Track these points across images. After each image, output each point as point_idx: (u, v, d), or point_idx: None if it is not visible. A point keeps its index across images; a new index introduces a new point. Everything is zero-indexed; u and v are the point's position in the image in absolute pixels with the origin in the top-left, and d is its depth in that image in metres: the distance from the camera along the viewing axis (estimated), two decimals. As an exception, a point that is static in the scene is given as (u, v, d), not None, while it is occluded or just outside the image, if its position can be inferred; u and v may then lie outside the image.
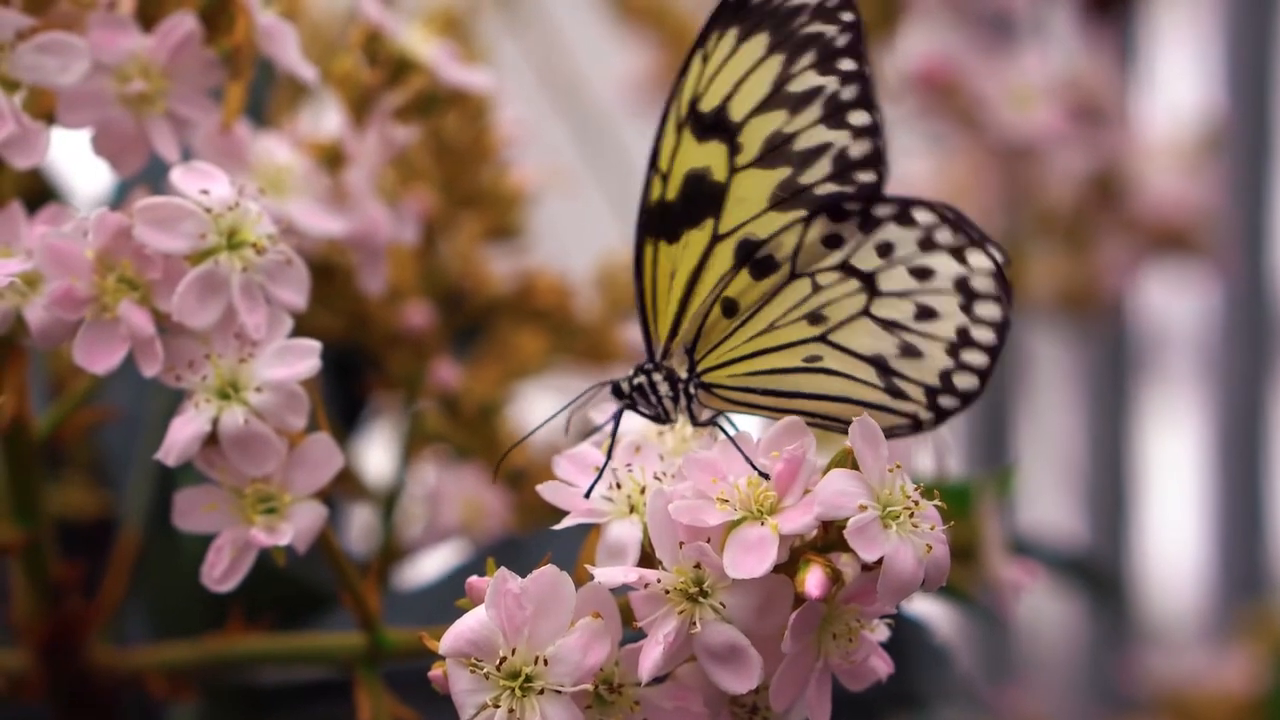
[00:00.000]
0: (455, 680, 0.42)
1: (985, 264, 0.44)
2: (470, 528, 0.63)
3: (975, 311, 0.44)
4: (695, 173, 0.45)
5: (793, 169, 0.44)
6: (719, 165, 0.45)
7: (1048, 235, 0.93)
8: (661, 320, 0.45)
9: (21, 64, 0.47)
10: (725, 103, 0.45)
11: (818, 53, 0.44)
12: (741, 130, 0.44)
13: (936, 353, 0.45)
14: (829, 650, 0.42)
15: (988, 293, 0.44)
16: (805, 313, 0.45)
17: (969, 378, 0.45)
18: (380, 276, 0.55)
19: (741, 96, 0.45)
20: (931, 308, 0.44)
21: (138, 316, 0.45)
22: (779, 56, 0.45)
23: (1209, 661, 1.01)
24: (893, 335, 0.44)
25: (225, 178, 0.47)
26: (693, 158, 0.45)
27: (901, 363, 0.45)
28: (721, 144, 0.45)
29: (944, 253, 0.44)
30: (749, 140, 0.44)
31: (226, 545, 0.45)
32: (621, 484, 0.45)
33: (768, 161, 0.44)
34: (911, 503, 0.41)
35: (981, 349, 0.45)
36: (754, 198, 0.45)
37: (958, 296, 0.44)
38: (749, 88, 0.45)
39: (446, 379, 0.62)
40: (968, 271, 0.44)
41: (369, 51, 0.54)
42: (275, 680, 0.56)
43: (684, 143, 0.45)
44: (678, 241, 0.45)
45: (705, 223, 0.45)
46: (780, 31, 0.44)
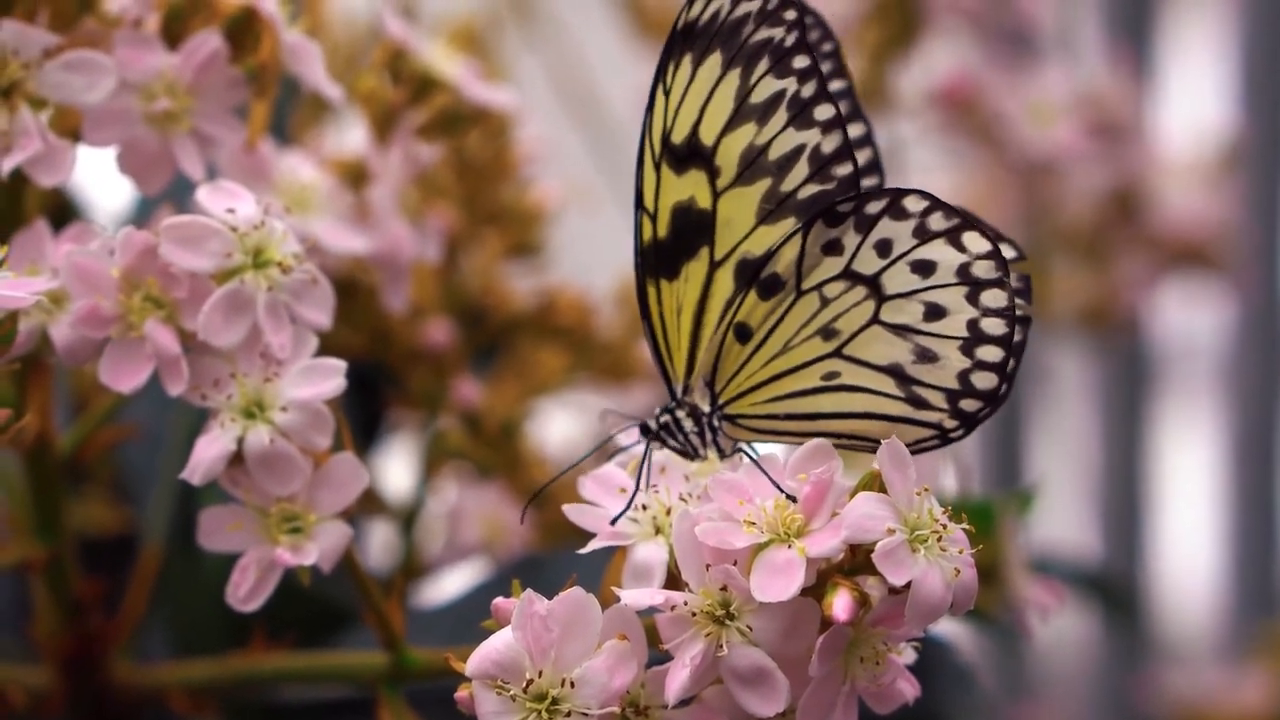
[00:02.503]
0: (481, 702, 0.42)
1: (982, 245, 0.44)
2: (491, 546, 0.63)
3: (981, 301, 0.44)
4: (680, 205, 0.45)
5: (772, 179, 0.44)
6: (702, 193, 0.45)
7: (1067, 251, 0.93)
8: (677, 357, 0.45)
9: (48, 82, 0.47)
10: (695, 130, 0.45)
11: (770, 58, 0.44)
12: (716, 153, 0.44)
13: (951, 353, 0.44)
14: (856, 673, 0.42)
15: (990, 278, 0.44)
16: (817, 329, 0.44)
17: (987, 375, 0.44)
18: (403, 294, 0.55)
19: (709, 120, 0.44)
20: (939, 304, 0.44)
21: (163, 335, 0.45)
22: (735, 71, 0.44)
23: (1225, 678, 1.01)
24: (906, 340, 0.44)
25: (251, 197, 0.47)
26: (675, 191, 0.45)
27: (918, 369, 0.44)
28: (700, 171, 0.45)
29: (940, 240, 0.44)
30: (725, 161, 0.44)
31: (252, 565, 0.45)
32: (647, 505, 0.45)
33: (747, 178, 0.44)
34: (940, 526, 0.41)
35: (994, 341, 0.44)
36: (742, 217, 0.45)
37: (962, 287, 0.44)
38: (714, 109, 0.44)
39: (468, 396, 0.62)
40: (968, 258, 0.44)
41: (393, 70, 0.54)
42: (297, 698, 0.56)
43: (664, 178, 0.45)
44: (678, 277, 0.45)
45: (700, 252, 0.45)
46: (731, 46, 0.44)
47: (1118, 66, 0.95)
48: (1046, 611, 0.55)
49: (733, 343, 0.45)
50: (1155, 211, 0.92)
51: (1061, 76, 0.88)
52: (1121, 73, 0.92)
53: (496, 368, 0.66)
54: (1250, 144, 1.06)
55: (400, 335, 0.62)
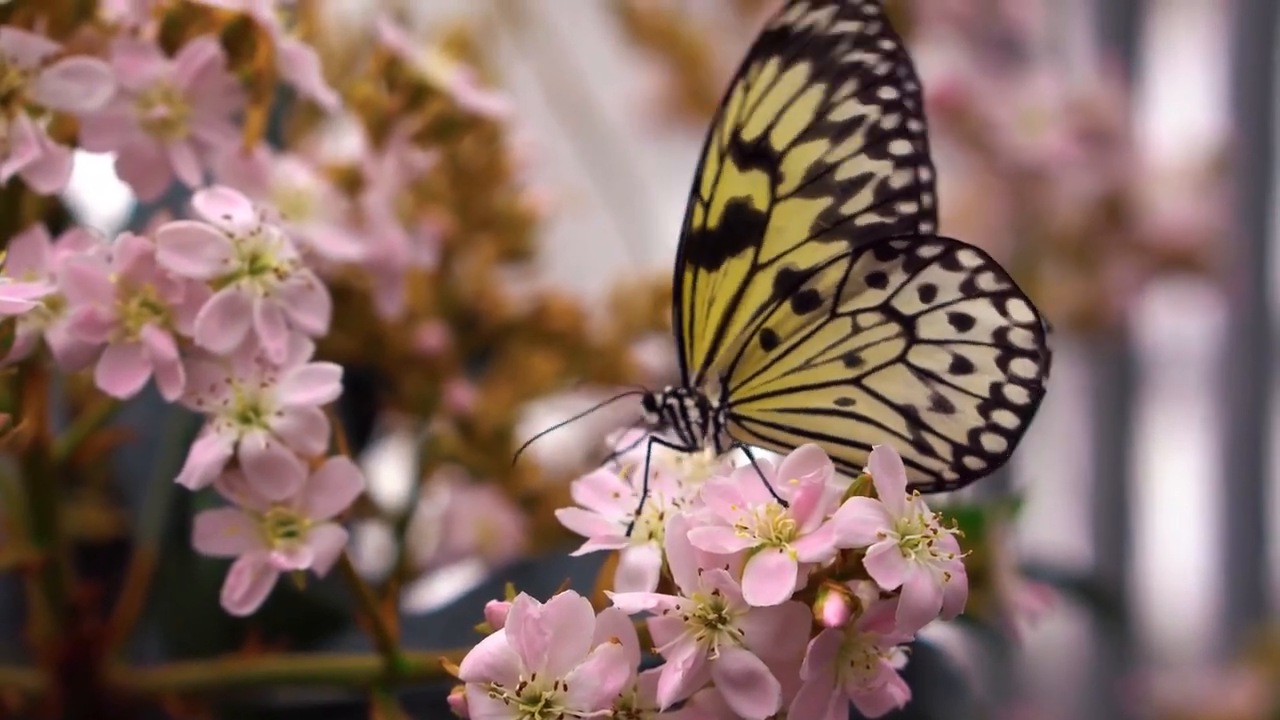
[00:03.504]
0: (475, 705, 0.42)
1: (1026, 316, 0.44)
2: (484, 549, 0.63)
3: (1011, 368, 0.44)
4: (736, 201, 0.45)
5: (834, 199, 0.44)
6: (760, 194, 0.45)
7: (1056, 257, 0.93)
8: (698, 346, 0.45)
9: (46, 89, 0.48)
10: (767, 132, 0.45)
11: (859, 81, 0.44)
12: (783, 159, 0.45)
13: (968, 409, 0.44)
14: (847, 677, 0.43)
15: (1025, 348, 0.44)
16: (842, 353, 0.44)
17: (997, 440, 0.45)
18: (398, 299, 0.55)
19: (783, 126, 0.45)
20: (968, 360, 0.44)
21: (160, 341, 0.46)
22: (820, 85, 0.45)
23: (1214, 683, 1.01)
24: (927, 386, 0.44)
25: (247, 203, 0.47)
26: (734, 186, 0.45)
27: (932, 416, 0.44)
28: (763, 173, 0.45)
29: (985, 300, 0.44)
30: (791, 170, 0.44)
31: (247, 568, 0.46)
32: (640, 510, 0.45)
33: (809, 191, 0.44)
34: (930, 531, 0.42)
35: (1013, 410, 0.44)
36: (795, 227, 0.45)
37: (995, 350, 0.44)
38: (791, 117, 0.45)
39: (462, 401, 0.62)
40: (1007, 323, 0.44)
41: (388, 77, 0.55)
42: (291, 701, 0.56)
43: (726, 171, 0.45)
44: (718, 269, 0.45)
45: (745, 251, 0.45)
46: (821, 60, 0.44)
47: (1107, 73, 0.95)
48: (1036, 616, 0.56)
49: (756, 346, 0.45)
50: (1145, 217, 0.93)
51: (1051, 83, 0.88)
52: (1111, 79, 0.93)
53: (489, 372, 0.67)
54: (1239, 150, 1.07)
55: (394, 340, 0.62)
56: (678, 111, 0.90)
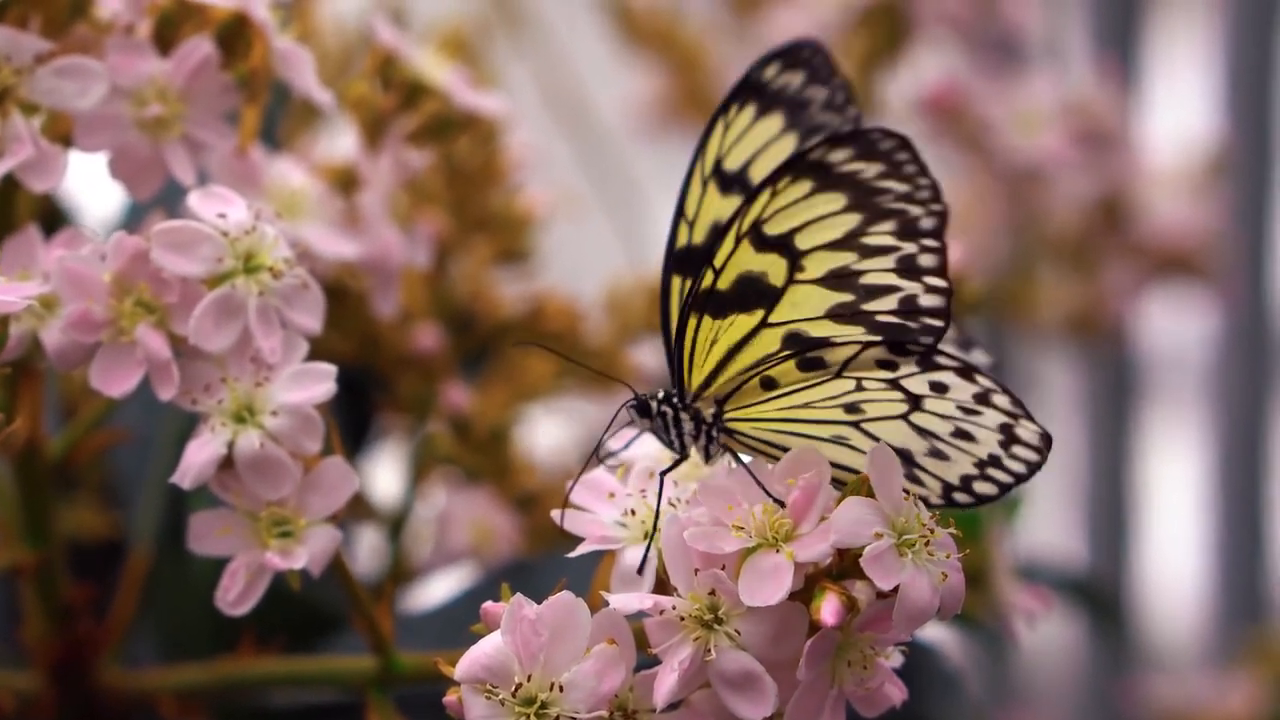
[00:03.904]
0: (470, 706, 0.42)
1: (1032, 434, 0.44)
2: (479, 550, 0.63)
3: (1012, 450, 0.44)
4: (751, 275, 0.44)
5: (857, 297, 0.43)
6: (777, 274, 0.44)
7: (1053, 259, 0.93)
8: (696, 373, 0.45)
9: (40, 88, 0.47)
10: (793, 233, 0.44)
11: (898, 224, 0.43)
12: (806, 256, 0.43)
13: (964, 462, 0.44)
14: (844, 677, 0.42)
15: (1030, 443, 0.44)
16: (844, 404, 0.44)
17: (989, 486, 0.44)
18: (393, 299, 0.55)
19: (810, 233, 0.43)
20: (971, 434, 0.44)
21: (154, 340, 0.46)
22: (856, 216, 0.43)
23: (1211, 685, 1.01)
24: (925, 440, 0.44)
25: (242, 202, 0.47)
26: (750, 261, 0.44)
27: (927, 460, 0.44)
28: (781, 259, 0.44)
29: (997, 411, 0.44)
30: (812, 265, 0.44)
31: (241, 569, 0.46)
32: (636, 510, 0.45)
33: (831, 285, 0.43)
34: (927, 531, 0.42)
35: (1010, 473, 0.44)
36: (811, 305, 0.44)
37: (999, 435, 0.44)
38: (819, 230, 0.43)
39: (457, 402, 0.62)
40: (1014, 423, 0.44)
41: (384, 76, 0.54)
42: (286, 703, 0.56)
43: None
44: (723, 318, 0.44)
45: (755, 312, 0.44)
46: (860, 200, 0.43)
47: (1104, 75, 0.95)
48: (1033, 617, 0.56)
49: (756, 386, 0.45)
50: (1142, 220, 0.93)
51: (1048, 85, 0.88)
52: (1108, 81, 0.93)
53: (485, 373, 0.67)
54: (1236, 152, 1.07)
55: (390, 340, 0.62)
56: (674, 113, 0.90)
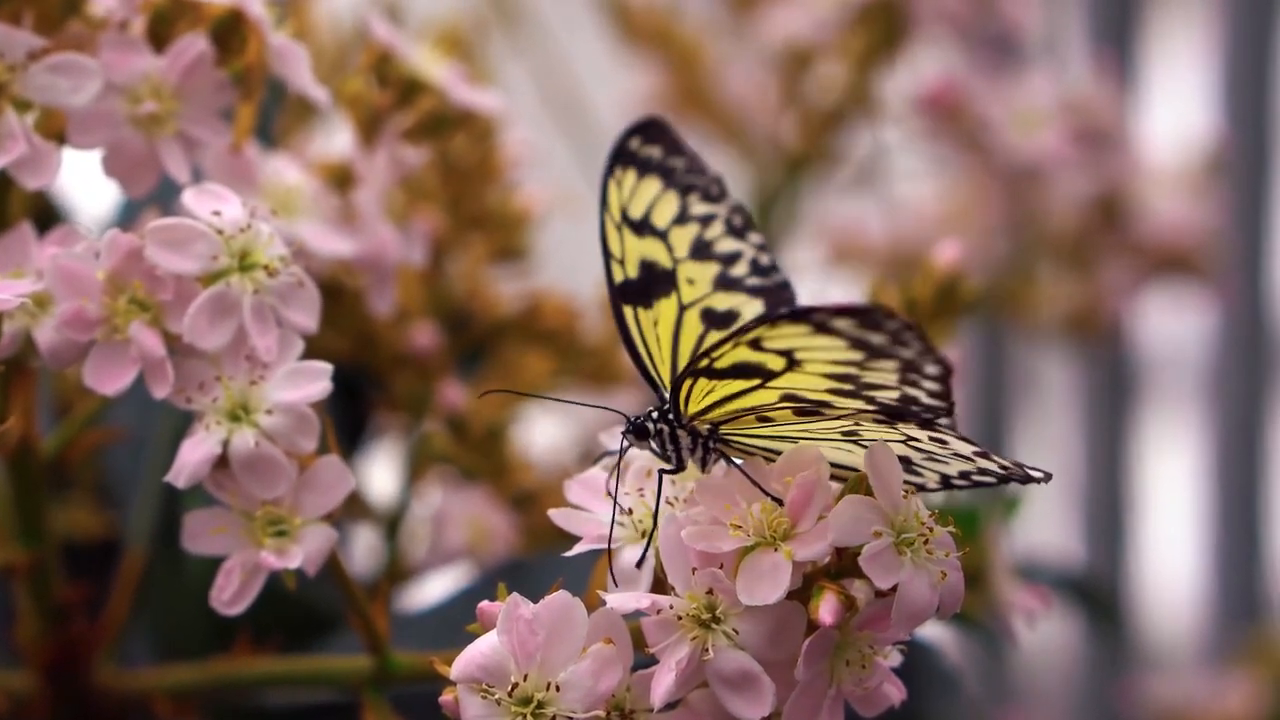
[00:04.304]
0: (466, 706, 0.42)
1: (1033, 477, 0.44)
2: (476, 550, 0.63)
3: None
4: (749, 363, 0.43)
5: (857, 390, 0.43)
6: (776, 365, 0.43)
7: (1051, 258, 0.92)
8: (690, 407, 0.45)
9: (33, 84, 0.47)
10: (792, 350, 0.43)
11: (901, 371, 0.43)
12: (804, 364, 0.43)
13: (959, 463, 0.44)
14: (842, 677, 0.42)
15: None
16: (841, 432, 0.44)
17: (985, 478, 0.44)
18: (389, 297, 0.55)
19: (811, 360, 0.43)
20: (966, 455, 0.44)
21: (149, 338, 0.45)
22: (858, 354, 0.43)
23: (1209, 685, 1.01)
24: (920, 452, 0.44)
25: (237, 199, 0.47)
26: (748, 356, 0.43)
27: (923, 463, 0.44)
28: (782, 358, 0.43)
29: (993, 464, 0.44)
30: (814, 369, 0.43)
31: (236, 568, 0.45)
32: (633, 509, 0.45)
33: (831, 380, 0.43)
34: (926, 529, 0.41)
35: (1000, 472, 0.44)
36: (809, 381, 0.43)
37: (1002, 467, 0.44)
38: (821, 355, 0.43)
39: (454, 400, 0.62)
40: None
41: (379, 72, 0.54)
42: (281, 703, 0.55)
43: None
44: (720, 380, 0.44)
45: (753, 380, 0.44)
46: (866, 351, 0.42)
47: (1103, 73, 0.95)
48: (1032, 616, 0.55)
49: (752, 420, 0.44)
50: (1140, 219, 0.92)
51: (1046, 83, 0.88)
52: (1106, 79, 0.92)
53: (482, 371, 0.66)
54: (1234, 151, 1.07)
55: (386, 339, 0.62)
56: (672, 111, 0.89)
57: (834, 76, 0.81)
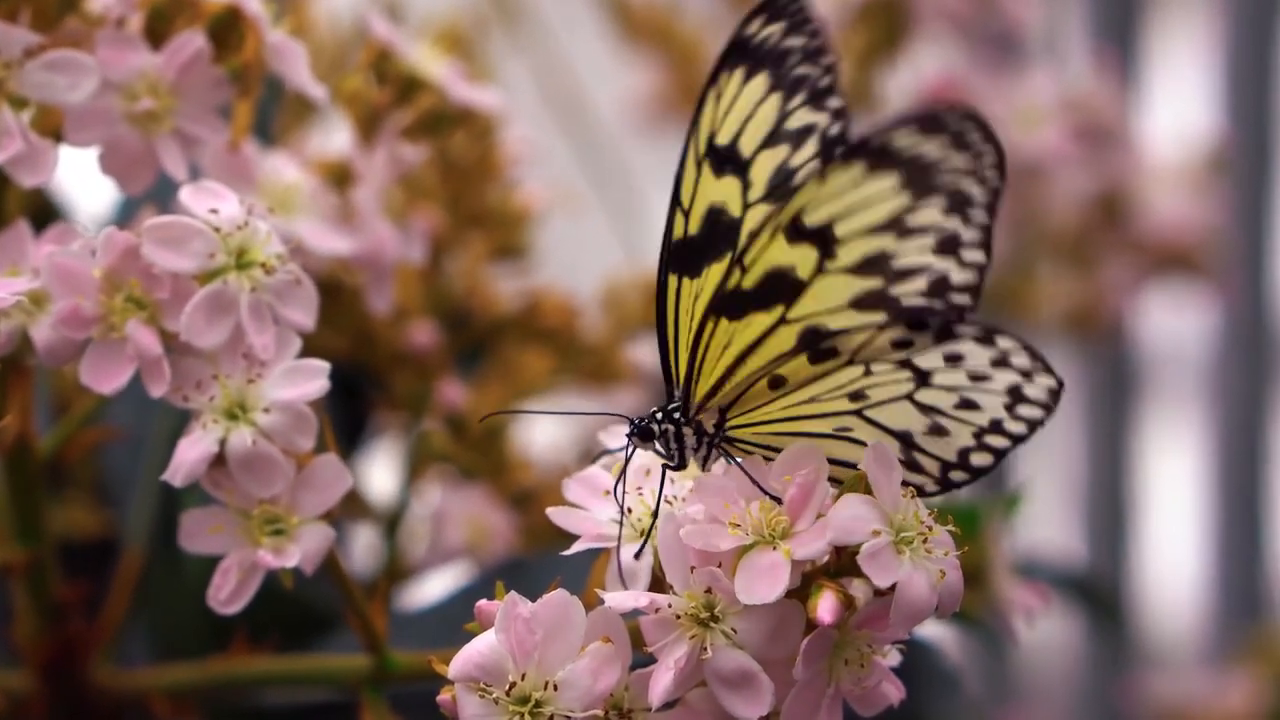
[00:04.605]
0: (464, 705, 0.41)
1: (1049, 382, 0.44)
2: (475, 548, 0.63)
3: (1017, 410, 0.44)
4: (779, 269, 0.43)
5: (885, 281, 0.43)
6: (806, 266, 0.43)
7: (1052, 255, 0.92)
8: (703, 383, 0.44)
9: (30, 81, 0.47)
10: (833, 221, 0.43)
11: (949, 200, 0.43)
12: (841, 243, 0.43)
13: (963, 434, 0.44)
14: (841, 676, 0.42)
15: (1037, 400, 0.44)
16: (849, 392, 0.44)
17: (985, 456, 0.44)
18: (387, 296, 0.55)
19: (852, 219, 0.43)
20: (975, 402, 0.44)
21: (145, 336, 0.45)
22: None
23: (1210, 683, 1.01)
24: (927, 417, 0.44)
25: (234, 197, 0.46)
26: (780, 256, 0.43)
27: (926, 439, 0.44)
28: (814, 249, 0.43)
29: (1013, 370, 0.44)
30: (846, 253, 0.43)
31: (233, 567, 0.45)
32: (631, 508, 0.44)
33: (861, 272, 0.43)
34: (925, 528, 0.41)
35: (1008, 436, 0.44)
36: (835, 296, 0.43)
37: (1006, 398, 0.44)
38: (863, 214, 0.43)
39: (453, 399, 0.62)
40: (1025, 382, 0.44)
41: (378, 70, 0.54)
42: (279, 702, 0.55)
43: (775, 243, 0.44)
44: (740, 320, 0.44)
45: (775, 308, 0.44)
46: (916, 179, 0.43)
47: (1104, 71, 0.95)
48: (1032, 614, 0.55)
49: (764, 387, 0.44)
50: (1141, 216, 0.92)
51: (1047, 80, 0.88)
52: (1107, 77, 0.92)
53: (481, 370, 0.66)
54: (1236, 148, 1.06)
55: (384, 337, 0.62)
56: (672, 108, 0.89)
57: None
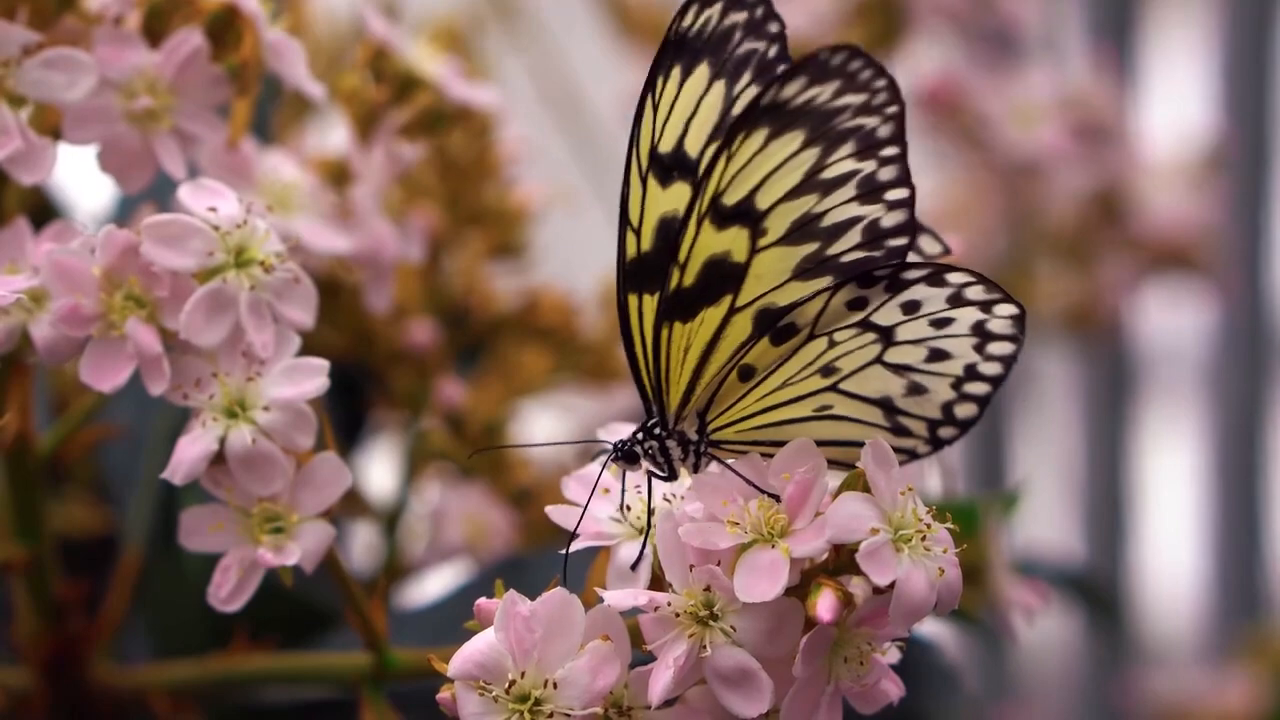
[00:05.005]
0: (464, 703, 0.41)
1: (1010, 310, 0.44)
2: (474, 546, 0.63)
3: (987, 349, 0.44)
4: (715, 259, 0.44)
5: (820, 243, 0.43)
6: (740, 248, 0.44)
7: (1050, 253, 0.92)
8: (674, 392, 0.45)
9: (28, 79, 0.47)
10: (752, 194, 0.43)
11: (856, 143, 0.43)
12: (767, 216, 0.43)
13: (942, 388, 0.44)
14: (840, 673, 0.42)
15: (1003, 334, 0.44)
16: (819, 367, 0.44)
17: (969, 406, 0.45)
18: (386, 294, 0.55)
19: (769, 188, 0.43)
20: (945, 350, 0.44)
21: (145, 334, 0.45)
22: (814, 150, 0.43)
23: (1208, 680, 1.01)
24: (901, 377, 0.44)
25: (233, 195, 0.46)
26: (712, 244, 0.44)
27: (907, 401, 0.44)
28: (743, 229, 0.43)
29: (972, 306, 0.44)
30: (774, 224, 0.43)
31: (233, 565, 0.45)
32: (630, 505, 0.44)
33: (794, 240, 0.43)
34: (924, 526, 0.41)
35: (985, 379, 0.44)
36: (776, 271, 0.44)
37: (973, 339, 0.44)
38: (778, 180, 0.43)
39: (452, 397, 0.62)
40: (988, 316, 0.44)
41: (375, 68, 0.54)
42: (279, 699, 0.55)
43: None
44: (693, 319, 0.44)
45: (723, 300, 0.44)
46: (818, 129, 0.43)
47: (1101, 69, 0.95)
48: (1030, 612, 0.55)
49: (735, 380, 0.44)
50: (1139, 214, 0.92)
51: (1045, 78, 0.88)
52: (1105, 74, 0.92)
53: (480, 368, 0.66)
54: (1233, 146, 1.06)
55: (383, 335, 0.62)
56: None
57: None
